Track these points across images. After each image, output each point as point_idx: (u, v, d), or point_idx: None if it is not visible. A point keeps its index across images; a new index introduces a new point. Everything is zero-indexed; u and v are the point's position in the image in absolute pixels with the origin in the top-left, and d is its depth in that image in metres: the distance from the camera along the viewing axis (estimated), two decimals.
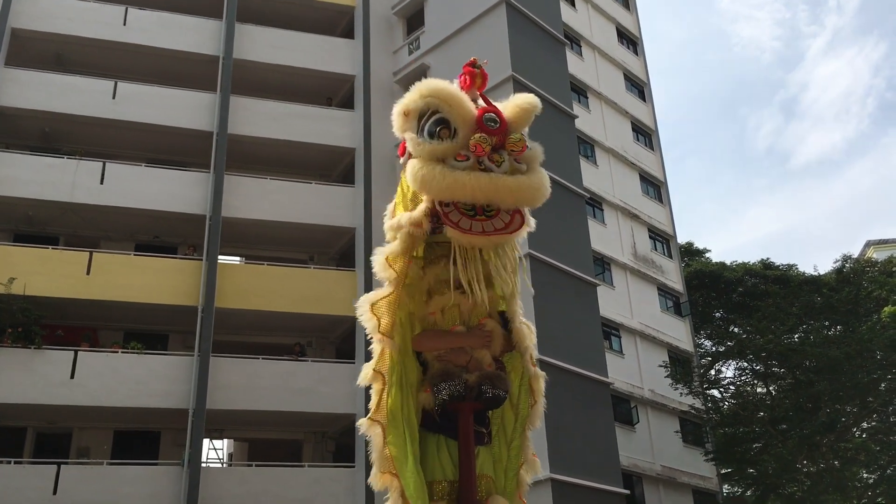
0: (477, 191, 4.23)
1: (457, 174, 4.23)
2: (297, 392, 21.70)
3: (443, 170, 4.24)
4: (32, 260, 21.46)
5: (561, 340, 20.93)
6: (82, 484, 19.49)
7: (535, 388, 4.85)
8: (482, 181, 4.22)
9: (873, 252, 48.34)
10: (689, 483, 27.28)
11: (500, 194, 4.28)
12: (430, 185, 4.26)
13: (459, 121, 4.35)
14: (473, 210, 4.33)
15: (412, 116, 4.48)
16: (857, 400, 25.80)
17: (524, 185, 4.33)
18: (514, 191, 4.30)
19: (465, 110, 4.37)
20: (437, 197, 4.30)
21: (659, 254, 31.40)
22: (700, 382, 28.46)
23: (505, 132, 4.37)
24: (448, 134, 4.35)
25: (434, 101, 4.39)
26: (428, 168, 4.26)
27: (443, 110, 4.38)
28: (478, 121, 4.34)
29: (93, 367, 20.66)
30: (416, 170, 4.31)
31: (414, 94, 4.49)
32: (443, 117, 4.38)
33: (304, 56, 26.35)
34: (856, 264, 32.57)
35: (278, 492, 20.53)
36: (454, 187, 4.22)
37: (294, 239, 25.07)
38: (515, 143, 4.37)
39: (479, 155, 4.26)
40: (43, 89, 23.46)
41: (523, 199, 4.37)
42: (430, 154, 4.30)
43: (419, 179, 4.28)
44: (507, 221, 4.38)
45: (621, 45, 34.56)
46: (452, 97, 4.38)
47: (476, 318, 4.67)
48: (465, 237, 4.32)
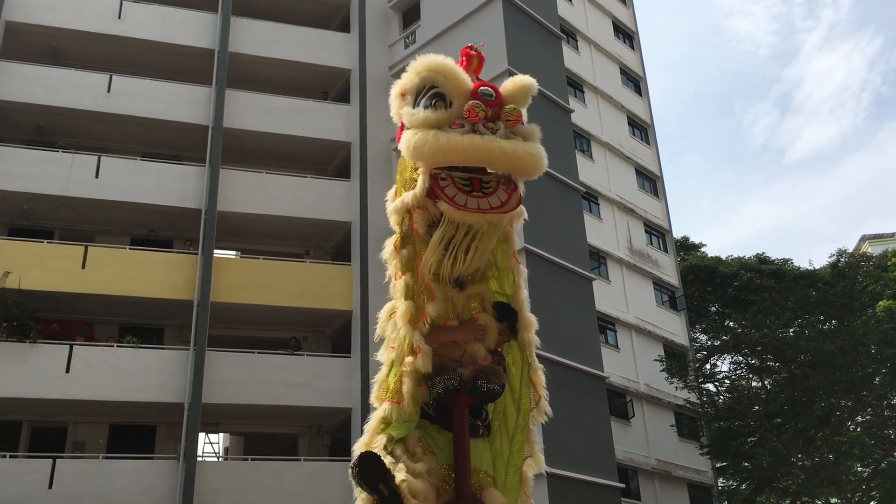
0: (470, 151, 4.13)
1: (451, 135, 4.15)
2: (293, 386, 21.70)
3: (436, 133, 4.16)
4: (27, 254, 21.41)
5: (556, 334, 20.95)
6: (78, 478, 19.48)
7: (536, 382, 4.80)
8: (476, 141, 4.13)
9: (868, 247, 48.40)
10: (684, 477, 27.35)
11: (495, 156, 4.17)
12: (422, 150, 4.16)
13: (455, 92, 4.31)
14: (470, 185, 4.26)
15: (409, 95, 4.45)
16: (851, 394, 25.87)
17: (520, 150, 4.23)
18: (509, 155, 4.18)
19: (460, 81, 4.33)
20: (431, 160, 4.20)
21: (654, 248, 31.43)
22: (695, 376, 28.52)
23: (500, 104, 4.31)
24: (444, 106, 4.30)
25: (429, 74, 4.36)
26: (420, 134, 4.19)
27: (438, 83, 4.34)
28: (473, 91, 4.31)
29: (88, 361, 20.63)
30: (409, 137, 4.23)
31: (409, 73, 4.45)
32: (439, 91, 4.33)
33: (299, 50, 26.29)
34: (851, 259, 32.61)
35: (274, 486, 20.54)
36: (446, 149, 4.12)
37: (290, 233, 25.05)
38: (510, 113, 4.30)
39: (473, 121, 4.19)
40: (37, 83, 23.38)
41: (518, 164, 4.25)
42: (423, 122, 4.25)
43: (412, 146, 4.20)
44: (504, 200, 4.29)
45: (617, 40, 34.53)
46: (447, 68, 4.34)
47: (469, 312, 4.65)
48: (458, 213, 4.23)
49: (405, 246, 4.46)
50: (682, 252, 36.76)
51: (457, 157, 4.15)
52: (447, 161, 4.18)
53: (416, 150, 4.20)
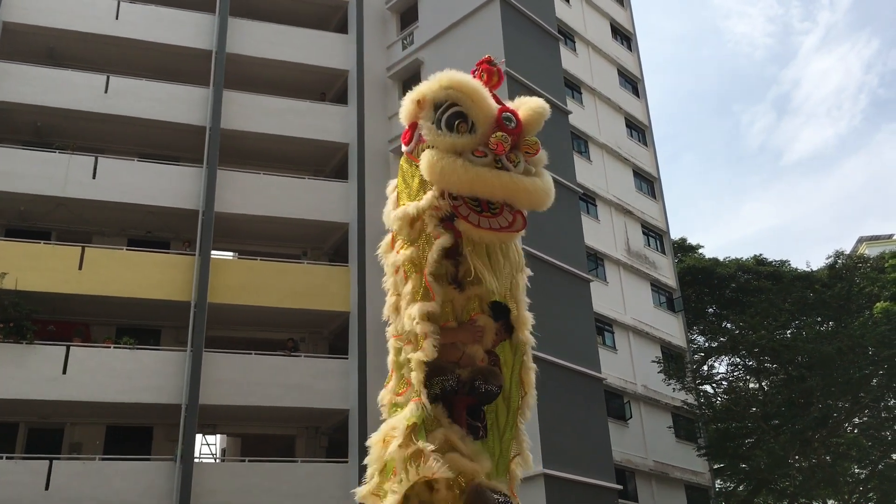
0: (498, 188, 4.30)
1: (479, 170, 4.26)
2: (290, 387, 21.68)
3: (464, 164, 4.25)
4: (24, 255, 21.37)
5: (554, 336, 20.93)
6: (75, 479, 19.45)
7: (526, 381, 4.86)
8: (504, 180, 4.29)
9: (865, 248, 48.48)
10: (681, 478, 27.35)
11: (519, 194, 4.37)
12: (449, 178, 4.26)
13: (480, 117, 4.36)
14: (479, 205, 4.35)
15: (426, 105, 4.45)
16: (848, 395, 25.88)
17: (539, 188, 4.46)
18: (531, 192, 4.40)
19: (486, 107, 4.38)
20: (456, 189, 4.30)
21: (652, 250, 31.44)
22: (693, 378, 28.53)
23: (520, 133, 4.42)
24: (466, 128, 4.34)
25: (456, 94, 4.38)
26: (448, 161, 4.26)
27: (463, 104, 4.36)
28: (497, 119, 4.34)
29: (85, 362, 20.59)
30: (434, 160, 4.28)
31: (433, 84, 4.46)
32: (461, 111, 4.36)
33: (297, 51, 26.28)
34: (848, 260, 32.65)
35: (271, 487, 20.52)
36: (475, 182, 4.25)
37: (287, 234, 25.03)
38: (531, 146, 4.45)
39: (498, 153, 4.28)
40: (35, 83, 23.34)
41: (536, 202, 4.48)
42: (450, 146, 4.30)
43: (438, 170, 4.27)
44: (511, 220, 4.44)
45: (615, 41, 34.54)
46: (476, 92, 4.39)
47: (467, 313, 4.67)
48: (476, 232, 4.36)
49: (410, 247, 4.49)
50: (680, 253, 36.78)
51: (483, 192, 4.32)
52: (472, 193, 4.33)
53: (443, 176, 4.28)
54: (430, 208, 4.40)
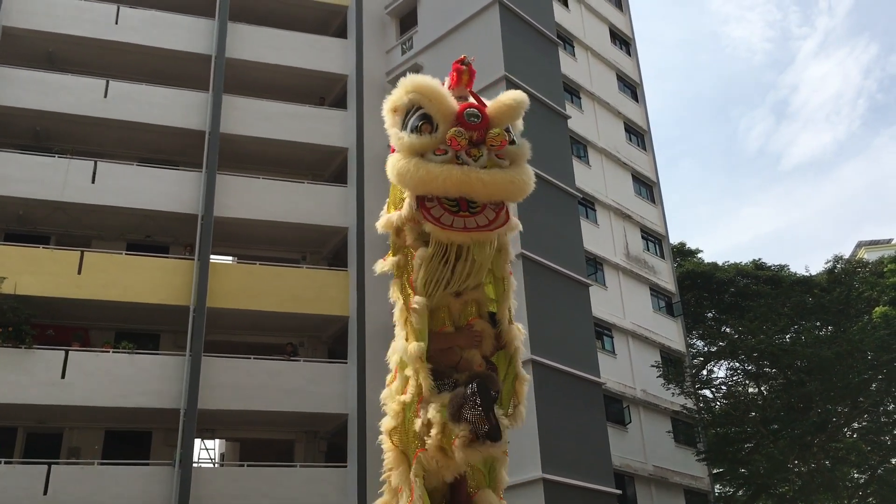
0: (448, 183, 4.23)
1: (430, 166, 4.25)
2: (289, 392, 21.66)
3: (417, 162, 4.27)
4: (23, 259, 21.36)
5: (553, 340, 20.94)
6: (73, 484, 19.41)
7: (519, 391, 4.89)
8: (454, 173, 4.23)
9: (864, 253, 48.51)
10: (680, 483, 27.32)
11: (473, 187, 4.27)
12: (404, 178, 4.31)
13: (440, 116, 4.38)
14: (457, 206, 4.34)
15: (399, 112, 4.52)
16: (848, 400, 25.89)
17: (498, 179, 4.32)
18: (487, 184, 4.28)
19: (445, 106, 4.39)
20: (412, 189, 4.35)
21: (651, 254, 31.45)
22: (692, 382, 28.53)
23: (486, 127, 4.38)
24: (430, 129, 4.37)
25: (416, 96, 4.44)
26: (404, 162, 4.31)
27: (424, 105, 4.42)
28: (458, 116, 4.36)
29: (84, 366, 20.56)
30: (393, 163, 4.38)
31: (399, 91, 4.55)
32: (425, 112, 4.40)
33: (296, 55, 26.30)
34: (847, 265, 32.68)
35: (270, 492, 20.49)
36: (426, 179, 4.24)
37: (286, 238, 25.02)
38: (494, 138, 4.36)
39: (455, 149, 4.28)
40: (34, 88, 23.35)
41: (498, 193, 4.35)
42: (408, 148, 4.35)
43: (396, 172, 4.35)
44: (491, 218, 4.37)
45: (614, 46, 34.60)
46: (433, 92, 4.41)
47: (465, 318, 4.67)
48: (444, 233, 4.34)
49: (396, 255, 4.55)
50: (679, 258, 36.80)
51: (436, 189, 4.27)
52: (428, 191, 4.32)
53: (400, 178, 4.34)
54: (409, 219, 4.44)
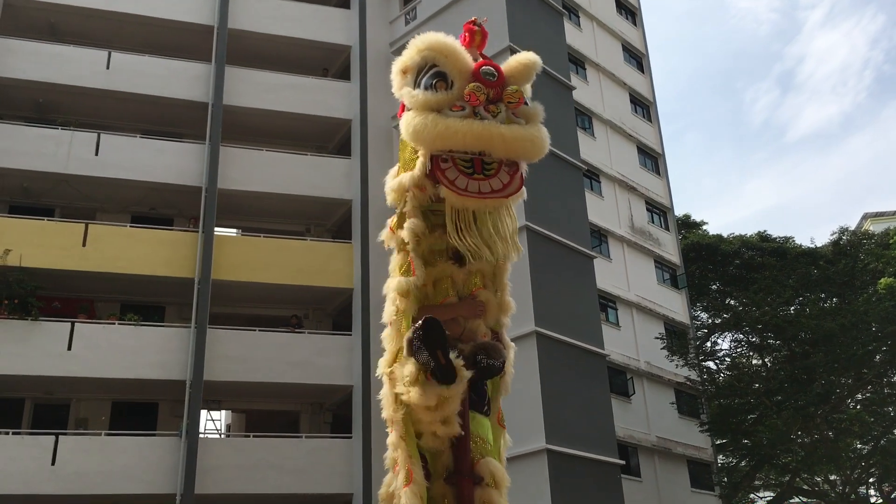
0: (469, 137, 4.11)
1: (449, 121, 4.13)
2: (294, 364, 21.75)
3: (435, 117, 4.14)
4: (28, 231, 21.39)
5: (558, 312, 20.95)
6: (80, 454, 19.59)
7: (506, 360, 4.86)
8: (475, 127, 4.11)
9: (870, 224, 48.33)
10: (684, 454, 27.48)
11: (494, 142, 4.15)
12: (422, 134, 4.16)
13: (456, 72, 4.27)
14: (472, 167, 4.23)
15: (410, 73, 4.41)
16: (851, 371, 25.93)
17: (519, 135, 4.20)
18: (508, 140, 4.17)
19: (461, 62, 4.30)
20: (430, 146, 4.20)
21: (656, 226, 31.38)
22: (696, 354, 28.57)
23: (502, 84, 4.28)
24: (444, 86, 4.27)
25: (430, 53, 4.33)
26: (420, 118, 4.17)
27: (439, 62, 4.30)
28: (474, 72, 4.27)
29: (90, 338, 20.67)
30: (409, 120, 4.23)
31: (411, 51, 4.42)
32: (440, 70, 4.30)
33: (299, 26, 26.09)
34: (852, 237, 32.56)
35: (276, 462, 20.66)
36: (446, 134, 4.11)
37: (290, 211, 25.00)
38: (512, 95, 4.27)
39: (473, 104, 4.17)
40: (36, 59, 23.22)
41: (518, 150, 4.23)
42: (424, 104, 4.22)
43: (411, 129, 4.20)
44: (506, 182, 4.27)
45: (620, 16, 34.26)
46: (449, 48, 4.31)
47: (469, 288, 4.64)
48: (459, 199, 4.22)
49: (401, 226, 4.47)
50: (684, 230, 36.70)
51: (455, 144, 4.13)
52: (446, 147, 4.16)
53: (416, 135, 4.19)
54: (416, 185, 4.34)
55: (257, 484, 20.34)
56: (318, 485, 20.87)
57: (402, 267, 4.48)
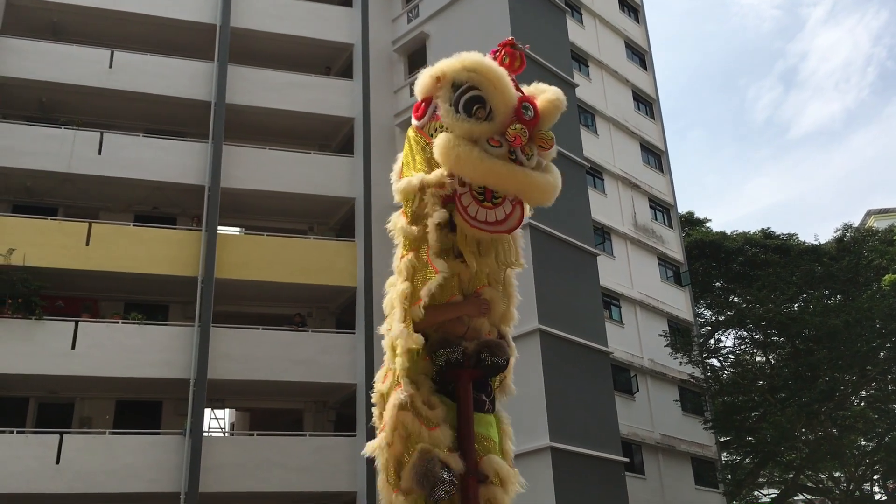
0: (511, 184, 4.27)
1: (494, 162, 4.20)
2: (298, 362, 21.77)
3: (480, 154, 4.19)
4: (32, 231, 21.42)
5: (561, 310, 20.94)
6: (85, 453, 19.63)
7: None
8: (519, 176, 4.25)
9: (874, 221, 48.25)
10: (687, 451, 27.46)
11: (531, 192, 4.38)
12: (464, 166, 4.20)
13: (500, 105, 4.27)
14: (483, 195, 4.34)
15: (445, 84, 4.38)
16: (855, 368, 25.88)
17: (550, 186, 4.44)
18: (542, 190, 4.40)
19: (507, 96, 4.29)
20: (469, 178, 4.27)
21: (659, 223, 31.34)
22: (699, 352, 28.54)
23: (537, 124, 4.36)
24: (484, 114, 4.26)
25: (478, 78, 4.29)
26: (465, 148, 4.19)
27: (484, 90, 4.27)
28: (517, 110, 4.28)
29: (94, 337, 20.70)
30: (451, 146, 4.21)
31: (456, 64, 4.36)
32: (481, 95, 4.28)
33: (301, 24, 26.09)
34: (856, 233, 32.50)
35: (280, 460, 20.68)
36: (489, 174, 4.21)
37: (293, 209, 25.01)
38: (545, 140, 4.39)
39: (515, 146, 4.23)
40: (39, 59, 23.25)
41: (545, 199, 4.47)
42: (467, 133, 4.23)
43: (454, 157, 4.20)
44: (509, 212, 4.42)
45: (622, 13, 34.21)
46: (501, 80, 4.31)
47: (473, 287, 4.64)
48: (471, 229, 4.39)
49: (416, 223, 4.45)
50: (687, 227, 36.66)
51: (496, 185, 4.30)
52: (484, 184, 4.30)
53: (458, 164, 4.22)
54: (436, 184, 4.36)
55: (261, 482, 20.37)
56: (322, 483, 20.90)
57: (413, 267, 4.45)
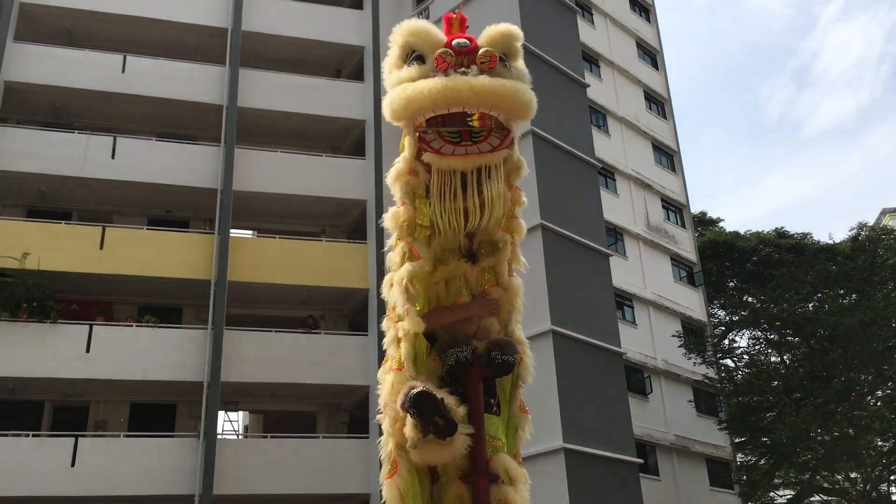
0: (436, 93, 3.95)
1: (415, 83, 4.05)
2: (311, 364, 21.80)
3: (404, 85, 4.09)
4: (46, 235, 21.55)
5: (574, 311, 20.89)
6: (100, 456, 19.73)
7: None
8: (439, 81, 3.98)
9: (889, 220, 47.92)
10: (702, 452, 27.33)
11: (462, 94, 3.95)
12: (394, 104, 4.12)
13: (428, 48, 4.23)
14: (459, 137, 4.14)
15: (398, 66, 4.39)
16: (871, 368, 25.70)
17: (491, 84, 3.99)
18: (478, 90, 3.95)
19: (432, 37, 4.28)
20: (403, 114, 4.13)
21: (672, 223, 31.23)
22: (713, 352, 28.41)
23: (475, 51, 4.19)
24: (421, 64, 4.24)
25: (405, 38, 4.33)
26: (393, 90, 4.16)
27: (414, 44, 4.29)
28: (446, 44, 4.24)
29: (108, 340, 20.80)
30: (385, 98, 4.22)
31: (392, 46, 4.42)
32: (418, 53, 4.27)
33: (312, 27, 26.16)
34: (871, 232, 32.27)
35: (293, 463, 20.71)
36: (412, 96, 4.01)
37: (305, 212, 25.06)
38: (484, 55, 4.12)
39: (442, 68, 4.09)
40: (52, 64, 23.40)
41: (493, 101, 4.00)
42: (398, 81, 4.21)
43: (386, 105, 4.18)
44: (495, 145, 4.13)
45: (633, 13, 34.12)
46: (418, 28, 4.31)
47: (481, 286, 4.62)
48: (443, 160, 4.12)
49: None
50: (700, 227, 36.51)
51: (424, 102, 4.00)
52: (419, 110, 4.05)
53: (390, 108, 4.16)
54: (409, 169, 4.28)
55: (275, 484, 20.40)
56: (335, 485, 20.92)
57: (402, 255, 4.39)
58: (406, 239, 4.37)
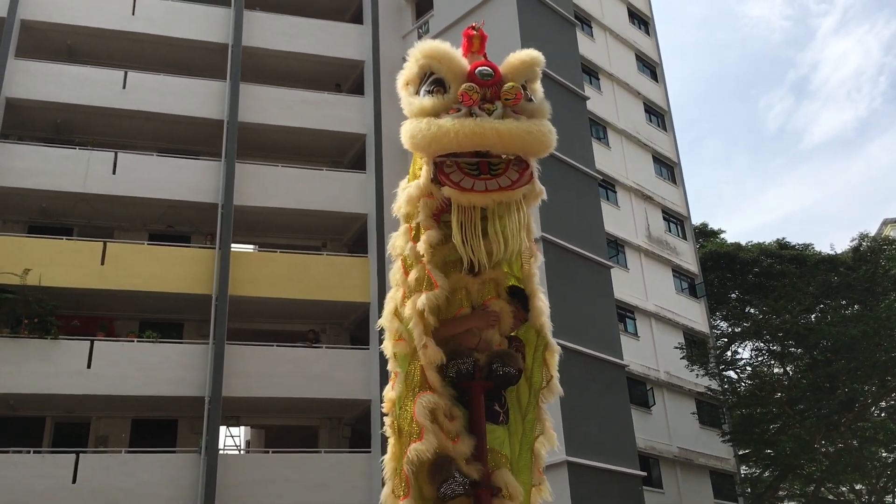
0: (462, 136, 3.99)
1: (441, 122, 4.04)
2: (313, 378, 21.75)
3: (429, 121, 4.08)
4: (47, 251, 21.54)
5: (575, 323, 20.86)
6: (101, 472, 19.64)
7: (549, 362, 4.75)
8: (467, 125, 3.99)
9: (890, 230, 47.89)
10: (706, 464, 27.22)
11: (488, 138, 4.00)
12: (416, 139, 4.11)
13: (451, 76, 4.22)
14: (478, 169, 4.13)
15: (413, 85, 4.39)
16: (875, 379, 25.63)
17: (514, 129, 4.04)
18: (503, 134, 4.01)
19: (455, 65, 4.26)
20: (425, 148, 4.13)
21: (673, 235, 31.23)
22: (716, 364, 28.35)
23: (499, 83, 4.19)
24: (442, 91, 4.22)
25: (426, 61, 4.30)
26: (416, 122, 4.13)
27: (435, 69, 4.27)
28: (469, 73, 4.23)
29: (109, 356, 20.75)
30: (406, 127, 4.19)
31: (409, 62, 4.40)
32: (438, 77, 4.26)
33: (313, 42, 26.25)
34: (873, 243, 32.23)
35: (295, 477, 20.62)
36: (438, 135, 4.02)
37: (306, 226, 25.07)
38: (509, 91, 4.14)
39: (468, 105, 4.08)
40: (54, 80, 23.47)
41: (515, 143, 4.07)
42: (420, 110, 4.19)
43: (408, 136, 4.16)
44: (514, 179, 4.14)
45: (633, 26, 34.25)
46: (442, 53, 4.27)
47: (483, 298, 4.61)
48: (464, 195, 4.12)
49: (418, 238, 4.42)
50: (702, 239, 36.51)
51: (450, 144, 4.03)
52: (442, 149, 4.08)
53: (412, 141, 4.15)
54: (426, 191, 4.28)
55: (277, 499, 20.29)
56: (337, 499, 20.80)
57: (420, 281, 4.40)
58: (427, 265, 4.34)
